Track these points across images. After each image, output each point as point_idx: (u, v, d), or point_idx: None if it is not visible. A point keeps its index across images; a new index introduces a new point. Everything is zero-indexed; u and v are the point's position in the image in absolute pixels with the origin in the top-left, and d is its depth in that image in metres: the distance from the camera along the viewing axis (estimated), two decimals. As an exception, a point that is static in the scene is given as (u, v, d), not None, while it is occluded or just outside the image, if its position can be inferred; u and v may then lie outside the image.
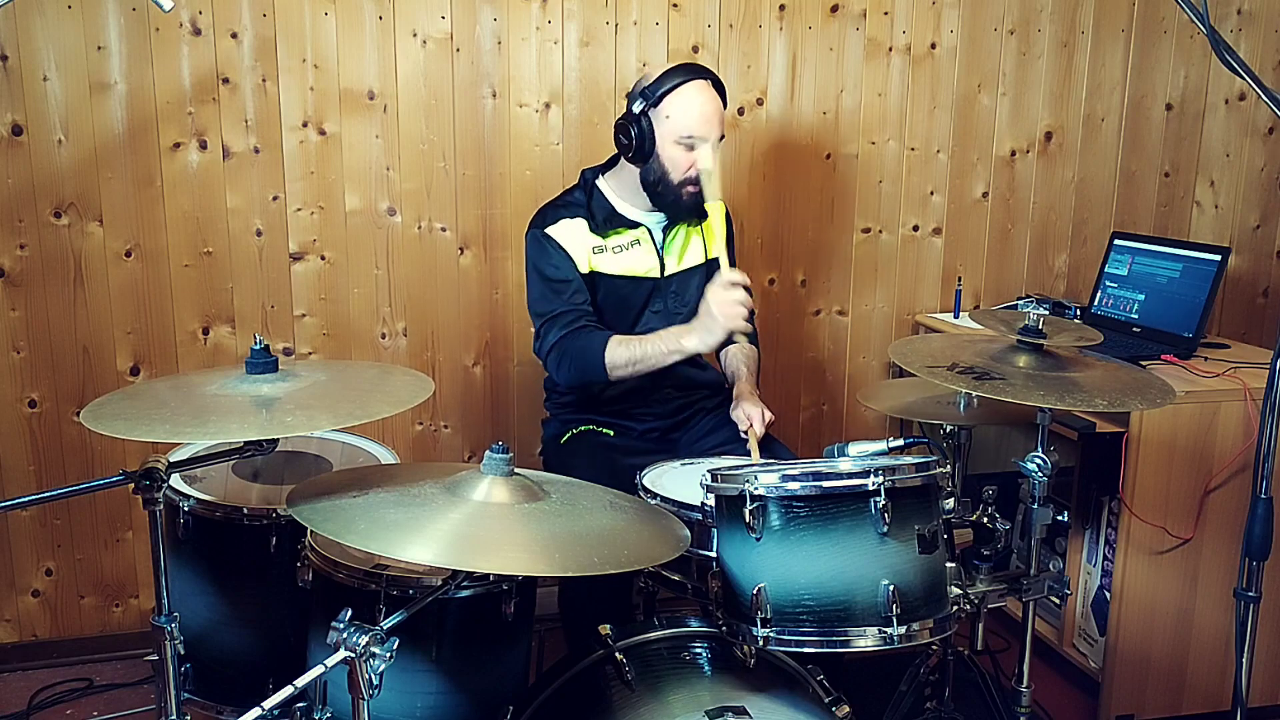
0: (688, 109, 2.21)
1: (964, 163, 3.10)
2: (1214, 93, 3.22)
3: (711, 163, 2.23)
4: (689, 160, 2.23)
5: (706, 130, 2.22)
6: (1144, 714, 2.48)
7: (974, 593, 1.85)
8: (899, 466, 1.57)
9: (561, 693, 1.73)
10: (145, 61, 2.56)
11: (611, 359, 2.19)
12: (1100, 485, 2.57)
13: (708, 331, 2.11)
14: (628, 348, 2.19)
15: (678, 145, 2.22)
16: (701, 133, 2.22)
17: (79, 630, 2.77)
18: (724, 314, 2.08)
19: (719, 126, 2.25)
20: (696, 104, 2.21)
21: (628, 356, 2.19)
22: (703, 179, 2.23)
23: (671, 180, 2.26)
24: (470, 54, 2.73)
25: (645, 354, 2.19)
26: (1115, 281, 2.92)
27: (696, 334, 2.14)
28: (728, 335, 2.11)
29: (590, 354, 2.20)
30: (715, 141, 2.24)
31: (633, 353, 2.19)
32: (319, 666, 1.35)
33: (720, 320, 2.09)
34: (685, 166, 2.24)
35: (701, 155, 2.22)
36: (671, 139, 2.22)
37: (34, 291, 2.60)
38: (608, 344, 2.20)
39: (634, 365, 2.20)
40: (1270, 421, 1.69)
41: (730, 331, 2.10)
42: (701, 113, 2.21)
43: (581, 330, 2.24)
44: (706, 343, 2.13)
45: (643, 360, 2.19)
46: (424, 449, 2.89)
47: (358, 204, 2.73)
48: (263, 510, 1.93)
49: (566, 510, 1.53)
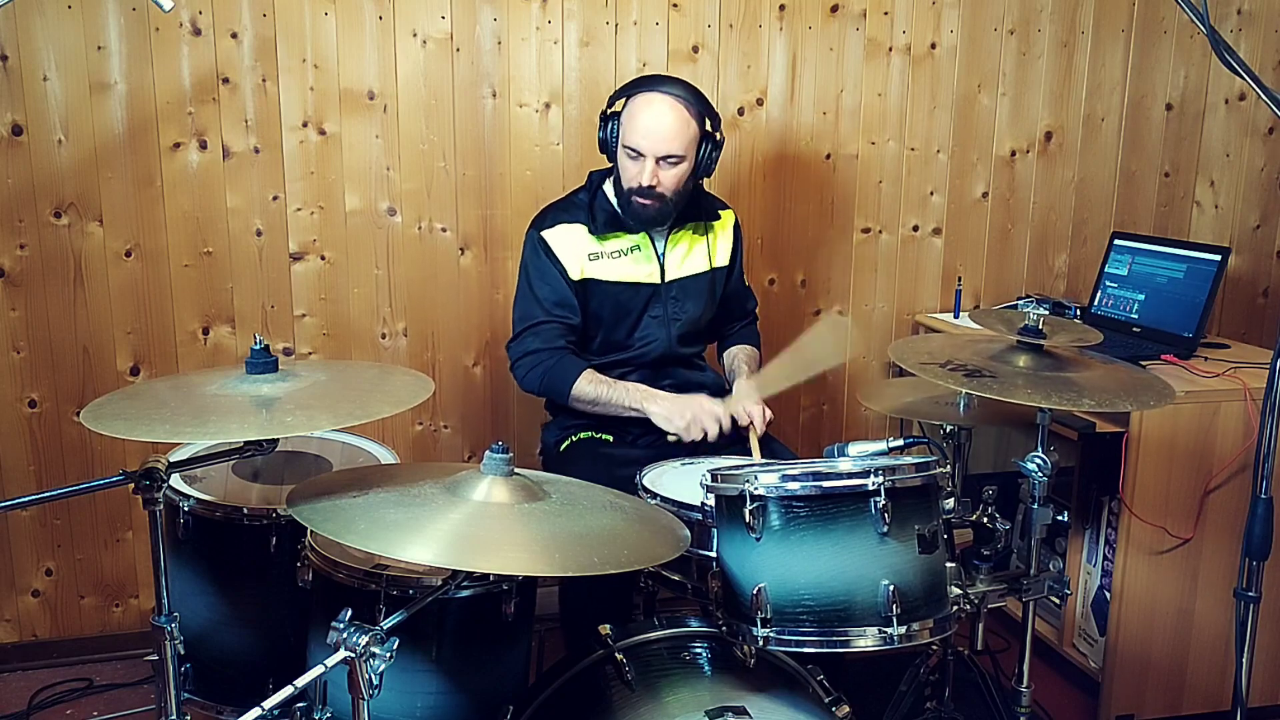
0: (635, 119, 2.20)
1: (964, 163, 3.10)
2: (1214, 93, 3.22)
3: (650, 180, 2.18)
4: (634, 170, 2.21)
5: (648, 145, 2.17)
6: (1144, 714, 2.48)
7: (974, 593, 1.85)
8: (899, 466, 1.57)
9: (561, 693, 1.73)
10: (145, 61, 2.56)
11: (578, 391, 2.24)
12: (1100, 485, 2.57)
13: (669, 418, 2.19)
14: (596, 387, 2.24)
15: (625, 152, 2.22)
16: (641, 146, 2.18)
17: (79, 630, 2.77)
18: (689, 424, 2.16)
19: (668, 145, 2.17)
20: (644, 116, 2.18)
21: (593, 395, 2.24)
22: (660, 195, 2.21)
23: (622, 186, 2.26)
24: (470, 54, 2.73)
25: (610, 399, 2.24)
26: (1115, 281, 2.92)
27: (663, 409, 2.20)
28: (676, 433, 2.19)
29: (561, 380, 2.25)
30: (662, 159, 2.18)
31: (599, 393, 2.24)
32: (319, 666, 1.35)
33: (684, 421, 2.17)
34: (631, 176, 2.22)
35: (645, 170, 2.18)
36: (622, 145, 2.23)
37: (34, 291, 2.60)
38: (580, 376, 2.25)
39: (595, 405, 2.26)
40: (1270, 421, 1.69)
41: (678, 433, 2.18)
42: (646, 126, 2.18)
43: (561, 351, 2.28)
44: (662, 422, 2.20)
45: (606, 404, 2.25)
46: (424, 449, 2.89)
47: (358, 204, 2.73)
48: (263, 510, 1.94)
49: (566, 510, 1.53)
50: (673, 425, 2.18)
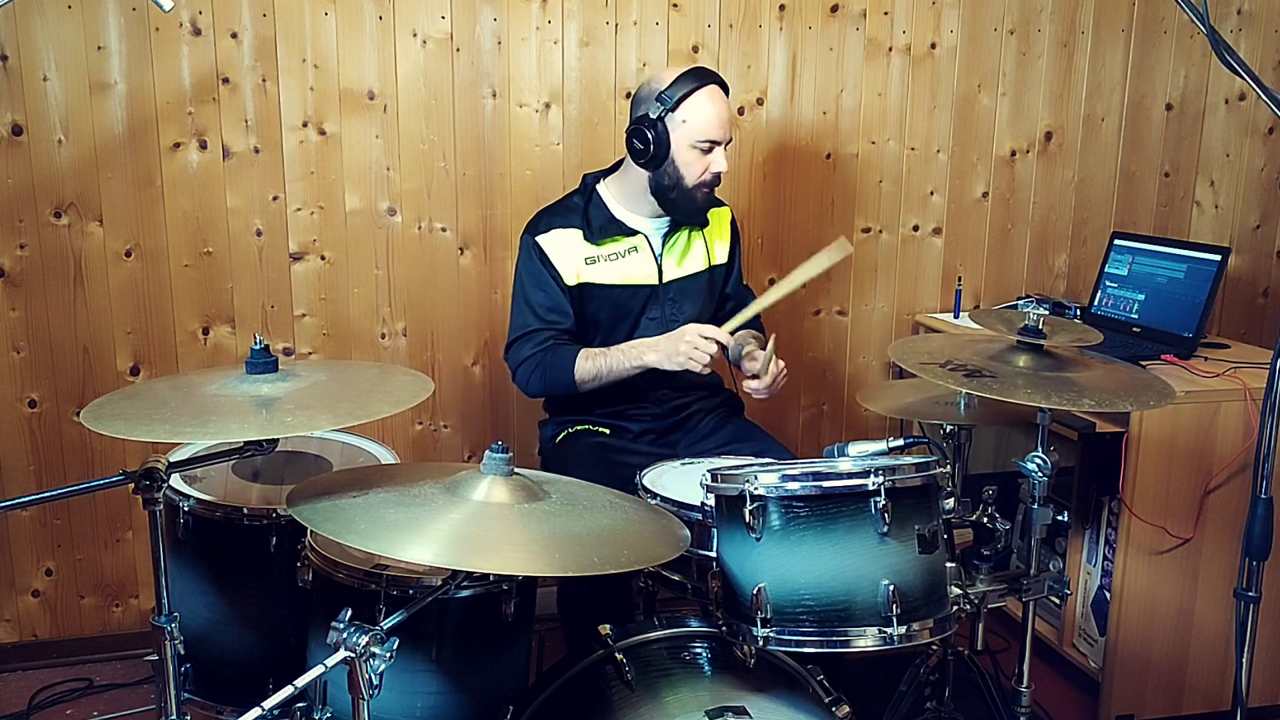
0: (706, 114, 2.23)
1: (964, 163, 3.10)
2: (1214, 93, 3.22)
3: (725, 165, 2.28)
4: (704, 164, 2.26)
5: (723, 134, 2.26)
6: (1144, 714, 2.48)
7: (974, 593, 1.85)
8: (899, 466, 1.57)
9: (561, 693, 1.73)
10: (145, 61, 2.56)
11: (580, 373, 2.26)
12: (1100, 485, 2.57)
13: (668, 356, 2.20)
14: (594, 362, 2.26)
15: (694, 149, 2.25)
16: (719, 136, 2.26)
17: (79, 630, 2.77)
18: (686, 353, 2.18)
19: (731, 129, 2.31)
20: (714, 109, 2.24)
21: (595, 370, 2.26)
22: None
23: (686, 184, 2.28)
24: (470, 54, 2.73)
25: (610, 367, 2.26)
26: (1115, 281, 2.92)
27: (658, 353, 2.22)
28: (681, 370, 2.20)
29: (561, 370, 2.27)
30: (728, 144, 2.29)
31: (599, 366, 2.26)
32: (319, 666, 1.35)
33: (681, 355, 2.18)
34: (700, 170, 2.27)
35: (717, 159, 2.26)
36: (688, 143, 2.24)
37: (34, 291, 2.60)
38: (577, 359, 2.26)
39: (600, 379, 2.27)
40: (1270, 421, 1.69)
41: (685, 368, 2.19)
42: (719, 117, 2.25)
43: (552, 347, 2.29)
44: (664, 364, 2.21)
45: (609, 373, 2.26)
46: (424, 449, 2.89)
47: (358, 204, 2.73)
48: (263, 510, 1.94)
49: (566, 510, 1.53)
50: (675, 364, 2.20)
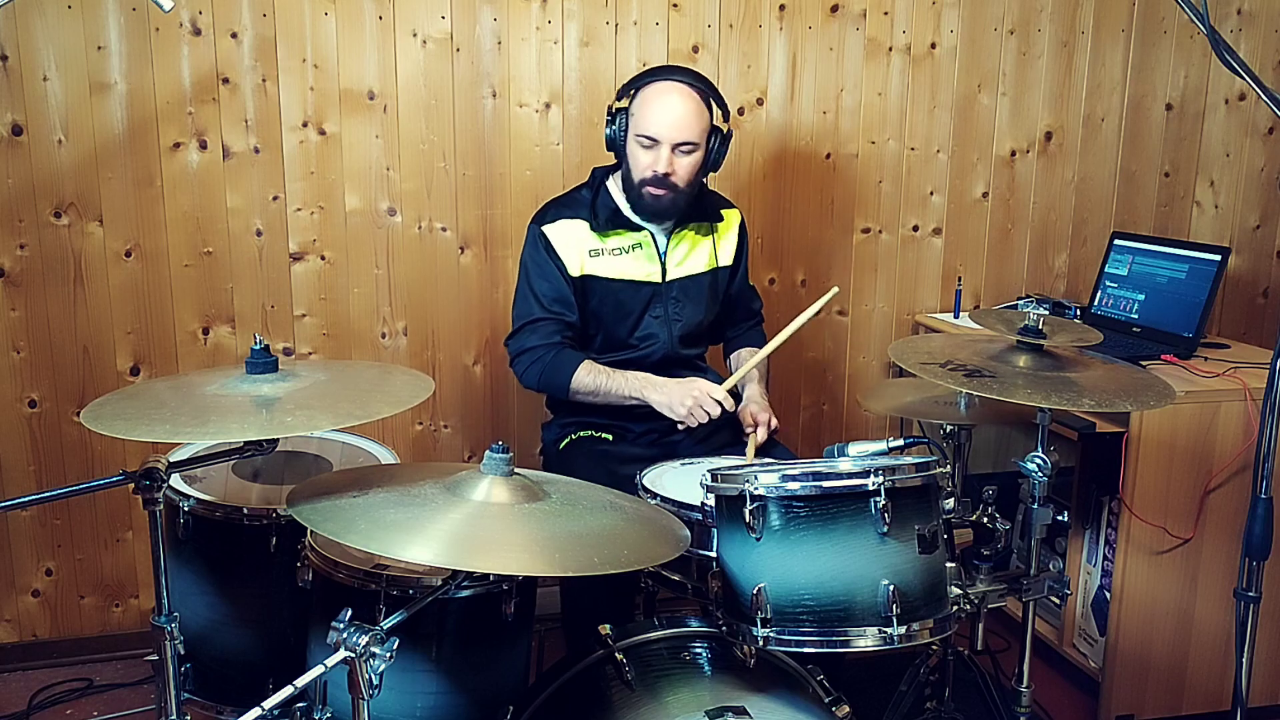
0: (650, 108, 2.21)
1: (964, 163, 3.10)
2: (1214, 93, 3.22)
3: (666, 167, 2.20)
4: (648, 160, 2.22)
5: (667, 134, 2.19)
6: (1144, 714, 2.48)
7: (974, 593, 1.85)
8: (899, 466, 1.57)
9: (561, 693, 1.73)
10: (145, 61, 2.56)
11: (578, 382, 2.26)
12: (1100, 485, 2.57)
13: (670, 403, 2.21)
14: (594, 377, 2.26)
15: (636, 143, 2.23)
16: (659, 134, 2.19)
17: (79, 630, 2.77)
18: (690, 408, 2.19)
19: (683, 132, 2.19)
20: (659, 103, 2.20)
21: (593, 385, 2.26)
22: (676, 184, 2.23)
23: (633, 179, 2.27)
24: (470, 54, 2.73)
25: (609, 388, 2.26)
26: (1115, 281, 2.92)
27: (662, 396, 2.23)
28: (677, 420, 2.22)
29: (559, 373, 2.26)
30: (677, 147, 2.20)
31: (598, 383, 2.26)
32: (319, 666, 1.35)
33: (685, 408, 2.19)
34: (644, 166, 2.23)
35: (660, 158, 2.20)
36: (633, 135, 2.23)
37: (34, 291, 2.60)
38: (579, 367, 2.25)
39: (595, 395, 2.27)
40: (1270, 421, 1.69)
41: (681, 420, 2.21)
42: (662, 113, 2.19)
43: (559, 346, 2.28)
44: (664, 409, 2.22)
45: (606, 394, 2.26)
46: (424, 449, 2.89)
47: (358, 204, 2.73)
48: (263, 510, 1.94)
49: (566, 510, 1.53)
50: (675, 413, 2.20)
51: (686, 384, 2.23)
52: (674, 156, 2.21)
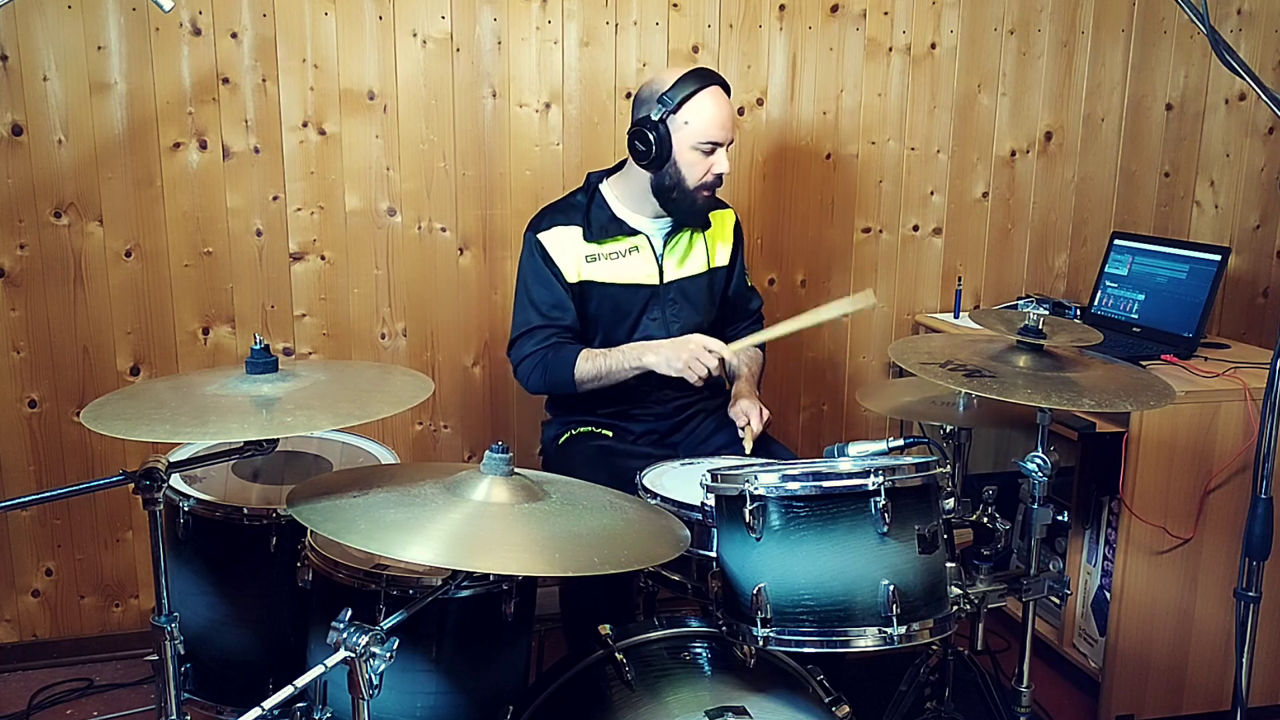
0: (708, 115, 2.23)
1: (964, 163, 3.10)
2: (1214, 93, 3.22)
3: (728, 167, 2.28)
4: (706, 165, 2.27)
5: (725, 135, 2.26)
6: (1144, 714, 2.48)
7: (974, 593, 1.85)
8: (899, 466, 1.57)
9: (561, 693, 1.73)
10: (145, 61, 2.56)
11: (580, 372, 2.27)
12: (1100, 485, 2.57)
13: (668, 360, 2.21)
14: (594, 362, 2.27)
15: (695, 150, 2.25)
16: (721, 138, 2.26)
17: (79, 630, 2.77)
18: (686, 361, 2.18)
19: (733, 130, 2.30)
20: (715, 110, 2.24)
21: (595, 370, 2.27)
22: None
23: (687, 185, 2.28)
24: (470, 54, 2.73)
25: (611, 367, 2.27)
26: (1115, 281, 2.92)
27: (659, 355, 2.23)
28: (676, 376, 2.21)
29: (561, 369, 2.27)
30: (728, 146, 2.29)
31: (600, 366, 2.27)
32: (319, 666, 1.35)
33: (681, 361, 2.19)
34: (702, 172, 2.27)
35: (719, 160, 2.27)
36: (689, 144, 2.24)
37: (34, 291, 2.60)
38: (577, 359, 2.26)
39: (601, 379, 2.27)
40: (1270, 421, 1.69)
41: (681, 375, 2.20)
42: (721, 119, 2.25)
43: (554, 346, 2.30)
44: (662, 368, 2.22)
45: (608, 374, 2.27)
46: (424, 449, 2.89)
47: (358, 204, 2.73)
48: (263, 510, 1.94)
49: (566, 510, 1.53)
50: (672, 369, 2.20)
51: (681, 341, 2.24)
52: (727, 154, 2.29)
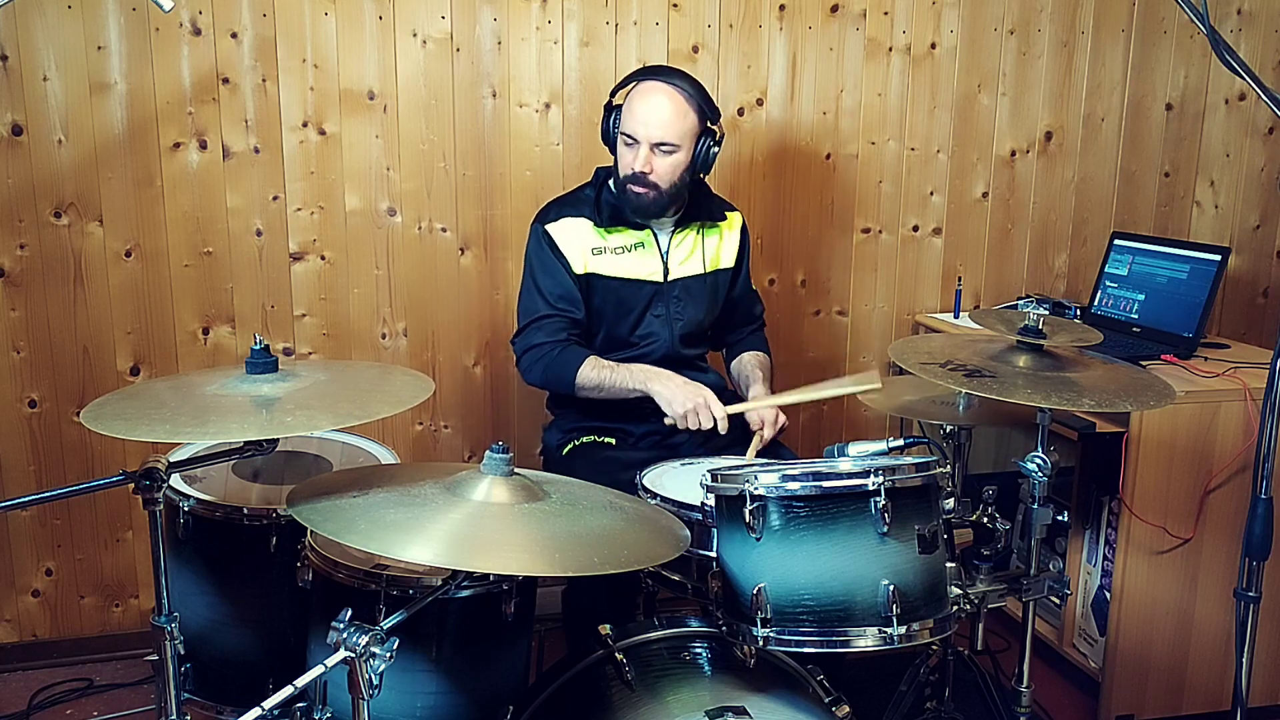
0: (633, 108, 2.23)
1: (964, 163, 3.10)
2: (1214, 93, 3.22)
3: (644, 166, 2.21)
4: (629, 157, 2.24)
5: (644, 131, 2.20)
6: (1144, 714, 2.48)
7: (974, 593, 1.85)
8: (899, 466, 1.57)
9: (561, 693, 1.73)
10: (145, 61, 2.56)
11: (582, 378, 2.25)
12: (1100, 485, 2.57)
13: (671, 401, 2.18)
14: (599, 373, 2.25)
15: (621, 139, 2.25)
16: (639, 134, 2.21)
17: (79, 630, 2.77)
18: (689, 411, 2.15)
19: (663, 133, 2.20)
20: (641, 103, 2.22)
21: (597, 380, 2.25)
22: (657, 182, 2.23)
23: (618, 175, 2.28)
24: (470, 54, 2.73)
25: (614, 382, 2.25)
26: (1115, 281, 2.92)
27: (666, 390, 2.20)
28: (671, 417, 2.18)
29: (565, 369, 2.26)
30: (656, 146, 2.21)
31: (603, 378, 2.25)
32: (319, 666, 1.35)
33: (684, 408, 2.15)
34: (626, 163, 2.25)
35: (639, 156, 2.21)
36: (619, 132, 2.26)
37: (34, 291, 2.60)
38: (584, 363, 2.25)
39: (600, 390, 2.26)
40: (1270, 421, 1.69)
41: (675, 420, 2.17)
42: (644, 114, 2.21)
43: (565, 343, 2.28)
44: (663, 403, 2.19)
45: (610, 388, 2.26)
46: (424, 449, 2.89)
47: (358, 204, 2.73)
48: (263, 510, 1.94)
49: (566, 510, 1.53)
50: (672, 410, 2.18)
51: (694, 387, 2.20)
52: (653, 156, 2.22)
